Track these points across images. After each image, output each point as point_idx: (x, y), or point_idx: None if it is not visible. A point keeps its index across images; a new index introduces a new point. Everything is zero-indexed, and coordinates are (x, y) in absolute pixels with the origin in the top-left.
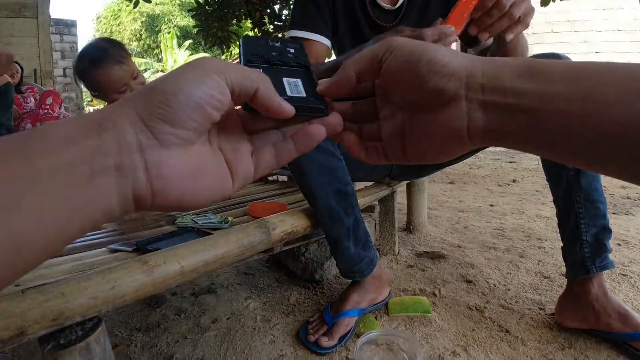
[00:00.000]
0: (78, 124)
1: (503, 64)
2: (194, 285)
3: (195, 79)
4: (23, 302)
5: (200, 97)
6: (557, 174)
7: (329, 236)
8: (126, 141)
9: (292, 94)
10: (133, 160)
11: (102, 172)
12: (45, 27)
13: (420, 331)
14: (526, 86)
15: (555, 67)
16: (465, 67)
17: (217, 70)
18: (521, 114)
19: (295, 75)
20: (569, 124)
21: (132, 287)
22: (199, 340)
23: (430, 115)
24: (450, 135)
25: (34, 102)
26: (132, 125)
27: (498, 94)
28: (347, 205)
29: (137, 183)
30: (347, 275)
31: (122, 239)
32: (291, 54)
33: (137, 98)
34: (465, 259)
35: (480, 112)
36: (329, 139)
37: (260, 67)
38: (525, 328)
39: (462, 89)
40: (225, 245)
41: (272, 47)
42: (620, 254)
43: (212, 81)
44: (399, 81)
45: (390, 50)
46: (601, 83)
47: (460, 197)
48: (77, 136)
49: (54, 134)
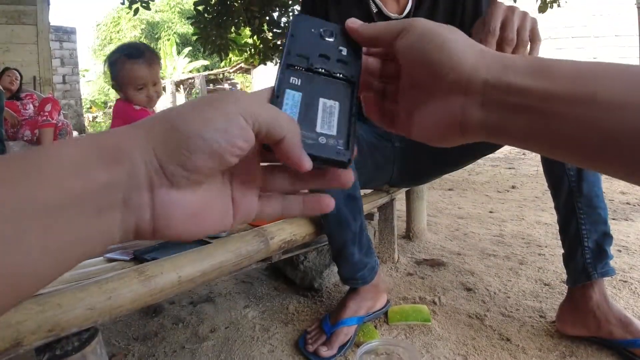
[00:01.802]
0: (88, 150)
1: (511, 62)
2: (192, 294)
3: (219, 121)
4: (19, 313)
5: (221, 145)
6: (559, 180)
7: (334, 241)
8: (138, 179)
9: (321, 129)
10: (141, 198)
11: (110, 208)
12: (45, 34)
13: (420, 340)
14: (530, 84)
15: (563, 66)
16: (472, 60)
17: (245, 113)
18: (522, 113)
19: (336, 95)
20: (573, 126)
21: (129, 298)
22: (197, 350)
23: (430, 99)
24: (443, 123)
25: (32, 109)
26: (147, 163)
27: (500, 91)
28: (355, 210)
29: (142, 219)
30: (349, 282)
31: (119, 248)
32: (343, 57)
33: (155, 134)
34: (465, 266)
35: (477, 108)
36: None
37: (300, 76)
38: (526, 336)
39: (463, 82)
40: (223, 255)
41: (324, 42)
42: (620, 260)
43: (237, 127)
44: (410, 60)
45: (410, 30)
46: (609, 84)
47: (460, 204)
48: (87, 167)
49: (61, 160)
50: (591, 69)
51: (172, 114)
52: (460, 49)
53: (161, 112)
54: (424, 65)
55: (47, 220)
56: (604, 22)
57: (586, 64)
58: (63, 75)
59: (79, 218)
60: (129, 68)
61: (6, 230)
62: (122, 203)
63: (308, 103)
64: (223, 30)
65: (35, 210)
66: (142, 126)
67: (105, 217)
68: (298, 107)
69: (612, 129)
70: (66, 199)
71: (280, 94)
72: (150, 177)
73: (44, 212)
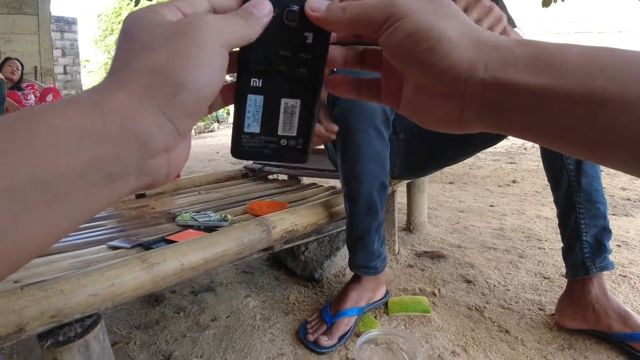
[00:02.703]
0: (93, 118)
1: (510, 54)
2: (194, 283)
3: (208, 60)
4: (22, 299)
5: (217, 84)
6: (558, 174)
7: (357, 227)
8: (153, 146)
9: (282, 132)
10: (161, 159)
11: (122, 176)
12: (46, 24)
13: (420, 331)
14: (532, 82)
15: (568, 56)
16: (469, 59)
17: (223, 42)
18: (522, 113)
19: (298, 92)
20: (579, 124)
21: (131, 285)
22: (198, 338)
23: (426, 95)
24: (441, 116)
25: (34, 99)
26: (160, 127)
27: (499, 92)
28: (384, 199)
29: (158, 177)
30: (361, 270)
31: (121, 236)
32: (307, 46)
33: (157, 91)
34: (465, 259)
35: (475, 110)
36: (385, 125)
37: (260, 76)
38: (525, 328)
39: (460, 85)
40: (225, 243)
41: (286, 28)
42: (619, 255)
43: (224, 60)
44: (399, 57)
45: (394, 20)
46: (620, 78)
47: (460, 197)
48: (94, 137)
49: (65, 129)
50: (601, 58)
51: (157, 63)
52: (456, 46)
53: (138, 61)
54: (415, 66)
55: (50, 194)
56: (607, 18)
57: (594, 52)
58: (64, 66)
59: (84, 189)
60: None
61: (4, 210)
62: (136, 171)
63: (270, 106)
64: None
65: (37, 185)
66: (134, 84)
67: (115, 185)
68: (261, 113)
69: (623, 127)
70: (71, 170)
71: (242, 99)
72: (167, 141)
73: (47, 187)
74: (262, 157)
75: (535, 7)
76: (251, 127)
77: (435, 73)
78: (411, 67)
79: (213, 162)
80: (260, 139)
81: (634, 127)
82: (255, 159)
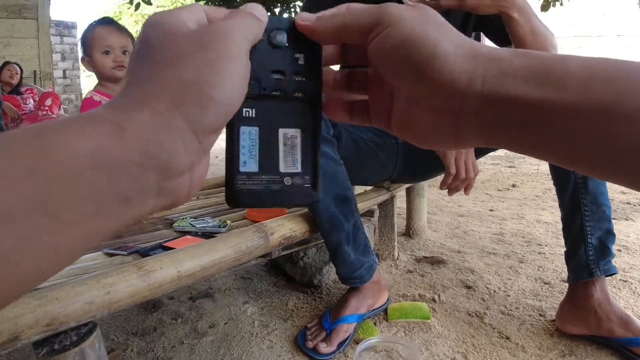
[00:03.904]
0: (111, 140)
1: (509, 66)
2: (192, 290)
3: (237, 72)
4: (17, 307)
5: (243, 96)
6: (564, 176)
7: (328, 242)
8: (178, 167)
9: (285, 168)
10: (183, 178)
11: (141, 199)
12: (46, 28)
13: (419, 337)
14: (532, 95)
15: (570, 69)
16: (466, 71)
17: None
18: (521, 128)
19: (296, 121)
20: (582, 139)
21: (127, 292)
22: (196, 345)
23: (420, 108)
24: (438, 133)
25: (33, 103)
26: (185, 147)
27: (497, 106)
28: (347, 211)
29: (181, 195)
30: (347, 282)
31: (118, 243)
32: (300, 68)
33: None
34: (465, 264)
35: (473, 124)
36: (329, 143)
37: (253, 105)
38: (525, 335)
39: (457, 99)
40: (222, 250)
41: (275, 51)
42: (620, 260)
43: (246, 71)
44: (390, 66)
45: (383, 26)
46: (624, 91)
47: (460, 202)
48: (111, 162)
49: (79, 152)
50: (602, 70)
51: (186, 78)
52: (451, 57)
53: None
54: (408, 77)
55: (59, 224)
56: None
57: (596, 63)
58: (63, 70)
59: (96, 214)
60: (97, 31)
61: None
62: (155, 193)
63: (267, 138)
64: None
65: (46, 213)
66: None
67: (133, 206)
68: (257, 146)
69: (628, 142)
70: (83, 196)
71: (234, 133)
72: (191, 160)
73: (55, 215)
74: (264, 201)
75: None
76: (247, 166)
77: (430, 85)
78: (403, 77)
79: (212, 167)
80: (260, 179)
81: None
82: (256, 206)
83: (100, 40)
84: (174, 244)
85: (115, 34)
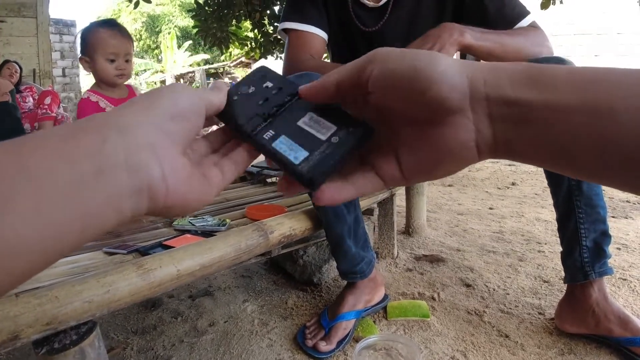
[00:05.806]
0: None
1: (501, 71)
2: (191, 288)
3: (184, 94)
4: (16, 306)
5: (198, 103)
6: (558, 177)
7: (331, 234)
8: (137, 140)
9: (326, 135)
10: (147, 155)
11: (111, 170)
12: (45, 26)
13: (419, 336)
14: (530, 96)
15: (557, 73)
16: (466, 75)
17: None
18: (527, 126)
19: (303, 111)
20: (576, 135)
21: (127, 291)
22: (196, 343)
23: (434, 130)
24: (458, 149)
25: (32, 102)
26: (143, 126)
27: (503, 104)
28: (349, 203)
29: (153, 177)
30: (348, 276)
31: (118, 242)
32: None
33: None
34: (464, 262)
35: (487, 124)
36: None
37: (268, 127)
38: (524, 333)
39: (467, 99)
40: (222, 249)
41: (260, 90)
42: (619, 258)
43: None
44: (392, 93)
45: (375, 60)
46: (607, 90)
47: (460, 200)
48: (80, 134)
49: (54, 132)
50: (588, 74)
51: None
52: (448, 63)
53: None
54: (414, 89)
55: (36, 184)
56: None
57: (580, 70)
58: (63, 68)
59: (72, 182)
60: (102, 35)
61: None
62: (124, 166)
63: (294, 134)
64: (224, 24)
65: (23, 176)
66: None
67: (107, 180)
68: (293, 143)
69: (613, 135)
70: (56, 161)
71: (272, 152)
72: (150, 138)
73: (32, 176)
74: (334, 163)
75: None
76: (298, 156)
77: (439, 90)
78: (410, 93)
79: None
80: (315, 156)
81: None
82: (334, 172)
83: (105, 46)
84: (174, 243)
85: (120, 40)
